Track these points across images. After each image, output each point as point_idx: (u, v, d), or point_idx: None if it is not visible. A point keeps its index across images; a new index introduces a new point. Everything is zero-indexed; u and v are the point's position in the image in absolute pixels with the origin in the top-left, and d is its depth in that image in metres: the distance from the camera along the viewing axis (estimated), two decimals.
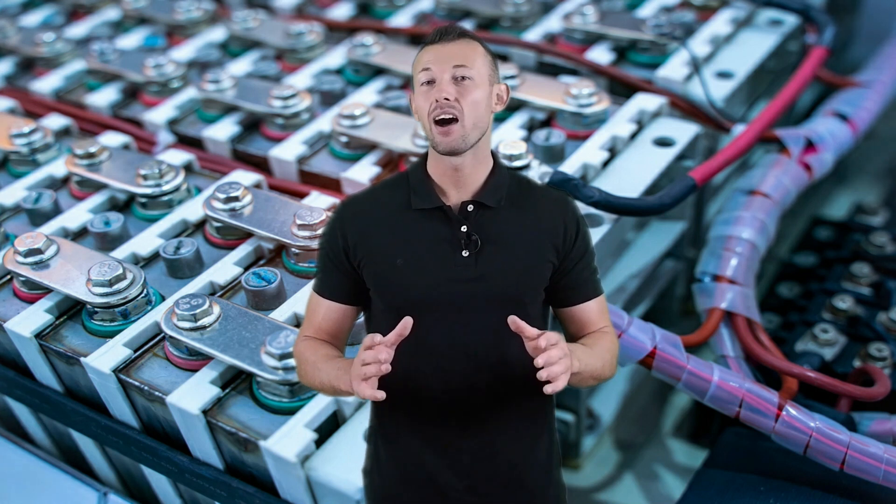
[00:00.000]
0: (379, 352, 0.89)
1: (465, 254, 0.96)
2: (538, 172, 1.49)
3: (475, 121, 0.94)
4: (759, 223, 1.57)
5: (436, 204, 0.97)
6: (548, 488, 1.04)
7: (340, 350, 1.03)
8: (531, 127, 1.73)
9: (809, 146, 1.71)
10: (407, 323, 0.90)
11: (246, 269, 1.44)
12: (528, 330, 0.90)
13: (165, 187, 1.56)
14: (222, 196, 1.47)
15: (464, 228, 0.96)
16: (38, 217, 1.58)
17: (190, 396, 1.23)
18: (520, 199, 1.00)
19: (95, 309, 1.35)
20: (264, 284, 1.35)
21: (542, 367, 0.89)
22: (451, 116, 0.93)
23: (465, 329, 0.96)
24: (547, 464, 1.03)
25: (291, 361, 1.18)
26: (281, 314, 1.33)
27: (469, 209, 0.97)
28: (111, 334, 1.33)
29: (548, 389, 0.89)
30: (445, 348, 0.97)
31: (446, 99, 0.93)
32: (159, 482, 1.46)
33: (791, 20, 2.03)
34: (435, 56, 0.95)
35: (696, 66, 1.81)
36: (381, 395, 0.89)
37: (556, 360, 0.89)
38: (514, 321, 0.90)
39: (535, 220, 0.99)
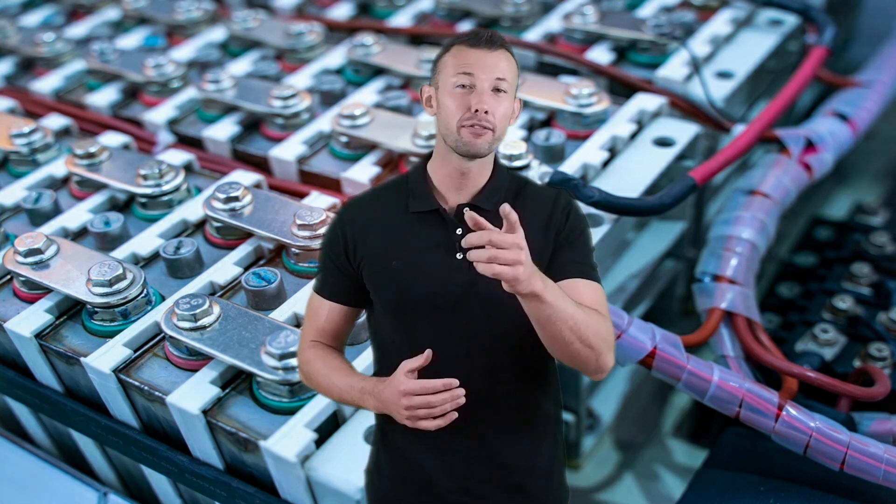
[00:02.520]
0: (431, 402, 0.90)
1: (459, 257, 0.96)
2: (538, 172, 1.49)
3: (501, 132, 0.95)
4: (759, 223, 1.57)
5: (432, 206, 0.97)
6: (548, 493, 1.03)
7: (342, 350, 1.04)
8: (531, 127, 1.73)
9: (809, 146, 1.71)
10: (428, 357, 0.91)
11: (246, 269, 1.44)
12: (485, 223, 0.86)
13: (165, 187, 1.56)
14: (222, 196, 1.47)
15: (459, 231, 0.96)
16: (38, 217, 1.58)
17: (190, 396, 1.23)
18: (516, 201, 0.99)
19: (95, 309, 1.35)
20: (264, 284, 1.35)
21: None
22: (486, 128, 0.93)
23: (460, 332, 0.96)
24: (548, 469, 1.03)
25: (291, 361, 1.18)
26: (281, 314, 1.33)
27: (465, 212, 0.97)
28: (111, 334, 1.33)
29: (495, 272, 0.84)
30: (440, 351, 0.96)
31: (486, 111, 0.93)
32: (159, 482, 1.46)
33: (791, 20, 2.03)
34: (479, 62, 0.94)
35: (696, 66, 1.81)
36: (442, 422, 0.91)
37: (507, 244, 0.84)
38: (470, 216, 0.86)
39: (529, 222, 0.98)
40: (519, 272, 0.84)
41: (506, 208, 0.85)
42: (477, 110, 0.92)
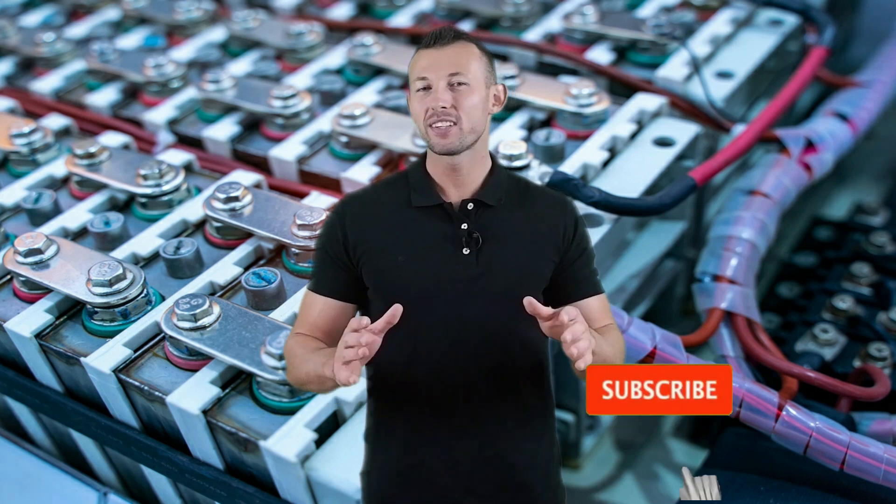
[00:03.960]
0: (361, 335, 0.88)
1: (466, 251, 0.96)
2: (538, 172, 1.49)
3: (472, 125, 0.94)
4: (759, 223, 1.57)
5: (436, 201, 0.97)
6: (548, 491, 1.03)
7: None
8: (531, 127, 1.73)
9: (809, 146, 1.71)
10: (396, 311, 0.89)
11: (246, 269, 1.44)
12: (544, 310, 0.90)
13: (165, 187, 1.56)
14: (222, 196, 1.47)
15: (465, 226, 0.97)
16: (38, 217, 1.58)
17: (190, 396, 1.23)
18: (519, 198, 1.00)
19: (95, 309, 1.35)
20: (264, 284, 1.35)
21: (570, 344, 0.88)
22: (447, 124, 0.93)
23: (465, 327, 0.96)
24: (547, 467, 1.03)
25: None
26: (281, 314, 1.33)
27: (469, 207, 0.97)
28: (111, 334, 1.33)
29: (580, 365, 0.89)
30: (445, 347, 0.97)
31: (443, 107, 0.93)
32: (159, 482, 1.46)
33: (791, 20, 2.03)
34: (430, 62, 0.95)
35: (696, 66, 1.81)
36: (355, 380, 0.88)
37: (580, 335, 0.89)
38: (529, 302, 0.90)
39: (535, 220, 0.99)
40: (591, 353, 0.90)
41: (572, 313, 0.90)
42: (434, 108, 0.93)
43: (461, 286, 0.96)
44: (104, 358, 1.29)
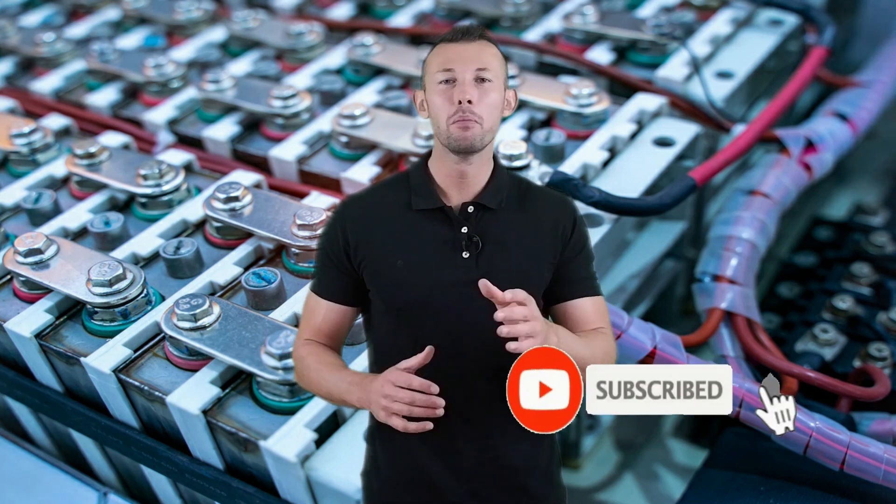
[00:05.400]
0: (414, 398, 0.89)
1: (465, 255, 0.96)
2: (538, 172, 1.49)
3: (492, 124, 0.94)
4: (759, 223, 1.57)
5: (437, 205, 0.97)
6: (548, 492, 1.03)
7: (338, 351, 1.03)
8: (531, 127, 1.73)
9: (809, 146, 1.71)
10: (429, 353, 0.91)
11: (246, 269, 1.44)
12: (498, 293, 0.89)
13: (165, 187, 1.56)
14: (222, 196, 1.47)
15: (464, 230, 0.96)
16: (38, 217, 1.58)
17: (190, 396, 1.23)
18: (520, 200, 0.99)
19: (95, 309, 1.35)
20: (264, 284, 1.35)
21: (504, 323, 0.88)
22: (473, 119, 0.93)
23: (465, 331, 0.96)
24: (548, 468, 1.03)
25: (291, 361, 1.18)
26: (281, 314, 1.33)
27: (469, 210, 0.97)
28: (111, 334, 1.33)
29: (510, 347, 0.88)
30: (445, 350, 0.96)
31: (469, 101, 0.93)
32: (159, 482, 1.46)
33: (791, 20, 2.03)
34: (457, 55, 0.94)
35: (696, 66, 1.81)
36: (414, 426, 0.90)
37: (518, 318, 0.88)
38: (484, 284, 0.89)
39: (536, 222, 0.99)
40: (534, 342, 0.89)
41: (518, 296, 0.89)
42: (461, 102, 0.93)
43: (460, 290, 0.96)
44: (104, 358, 1.29)
